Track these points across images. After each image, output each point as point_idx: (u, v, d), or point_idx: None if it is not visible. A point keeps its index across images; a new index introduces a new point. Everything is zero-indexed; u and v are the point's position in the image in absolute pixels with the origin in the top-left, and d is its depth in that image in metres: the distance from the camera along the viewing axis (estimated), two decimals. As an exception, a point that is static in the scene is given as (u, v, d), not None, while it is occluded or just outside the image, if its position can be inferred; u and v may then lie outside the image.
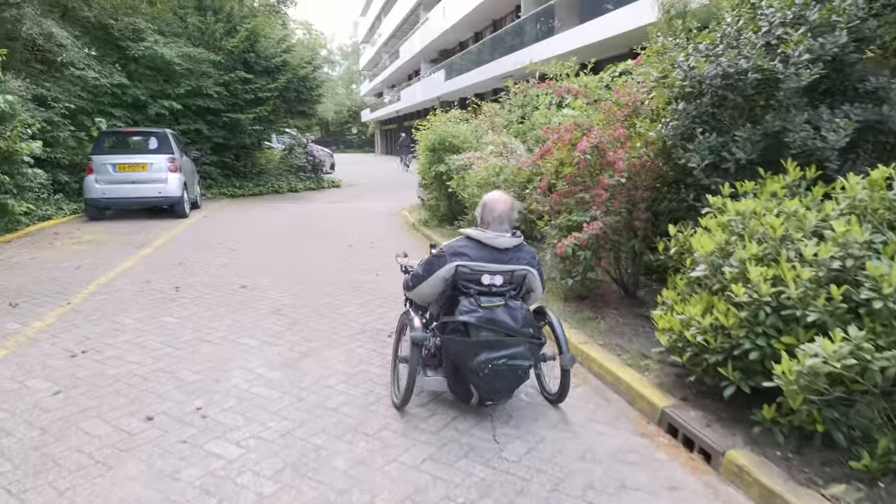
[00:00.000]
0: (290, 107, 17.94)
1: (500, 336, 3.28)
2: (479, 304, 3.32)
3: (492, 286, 3.39)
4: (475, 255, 3.39)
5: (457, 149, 10.19)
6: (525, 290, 3.56)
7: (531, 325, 3.40)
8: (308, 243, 9.19)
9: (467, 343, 3.27)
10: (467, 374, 3.34)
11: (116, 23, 13.58)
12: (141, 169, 11.26)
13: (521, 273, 3.45)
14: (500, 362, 3.23)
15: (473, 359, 3.22)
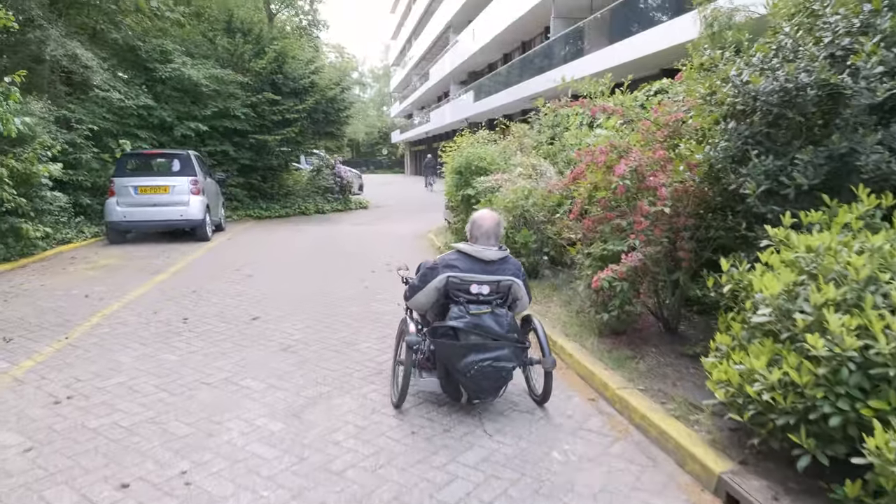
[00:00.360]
0: (317, 128, 17.81)
1: (486, 340, 3.63)
2: (467, 311, 3.66)
3: (479, 295, 3.72)
4: (464, 267, 3.74)
5: (484, 171, 9.77)
6: (511, 298, 3.87)
7: (515, 330, 3.77)
8: (329, 268, 8.83)
9: (456, 346, 3.62)
10: (456, 375, 3.67)
11: (144, 44, 13.60)
12: (163, 191, 11.10)
13: (506, 283, 3.79)
14: (485, 364, 3.58)
15: (461, 360, 3.58)
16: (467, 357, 3.58)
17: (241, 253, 10.30)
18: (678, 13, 13.64)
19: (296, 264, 9.20)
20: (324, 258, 9.87)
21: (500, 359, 3.63)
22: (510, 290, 3.82)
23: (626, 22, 16.28)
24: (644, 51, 14.73)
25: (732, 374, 3.07)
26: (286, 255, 10.19)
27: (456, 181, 9.97)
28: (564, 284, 7.29)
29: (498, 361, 3.61)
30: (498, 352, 3.64)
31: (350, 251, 10.59)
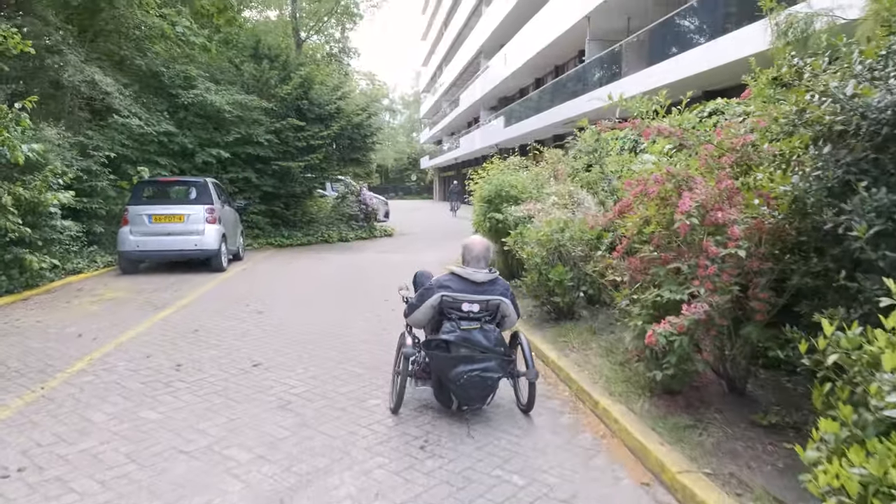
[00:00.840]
0: (343, 154, 17.39)
1: (474, 353, 3.98)
2: (458, 326, 4.06)
3: (470, 312, 4.10)
4: (457, 287, 4.14)
5: (515, 199, 9.08)
6: (500, 316, 4.23)
7: (502, 344, 4.14)
8: (346, 303, 8.18)
9: (447, 357, 3.98)
10: (448, 384, 4.02)
11: (168, 70, 13.35)
12: (177, 220, 10.64)
13: (495, 302, 4.16)
14: (473, 374, 3.92)
15: (452, 370, 3.93)
16: (457, 367, 3.96)
17: (255, 285, 9.73)
18: (718, 33, 12.90)
19: (310, 298, 8.57)
20: (342, 291, 9.23)
21: (488, 370, 4.00)
22: (498, 308, 4.22)
23: (665, 43, 15.58)
24: (685, 72, 14.00)
25: (849, 482, 2.27)
26: (302, 287, 9.58)
27: (484, 210, 9.29)
28: (604, 328, 6.50)
29: (485, 372, 3.99)
30: (485, 363, 4.00)
31: (370, 283, 9.95)
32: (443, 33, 53.68)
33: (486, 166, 10.58)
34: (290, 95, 15.91)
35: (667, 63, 14.85)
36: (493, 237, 9.53)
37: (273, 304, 8.12)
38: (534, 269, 6.71)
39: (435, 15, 58.02)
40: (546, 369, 5.47)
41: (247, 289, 9.32)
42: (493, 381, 4.06)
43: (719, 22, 13.03)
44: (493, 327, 4.16)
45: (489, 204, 9.26)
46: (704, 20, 13.62)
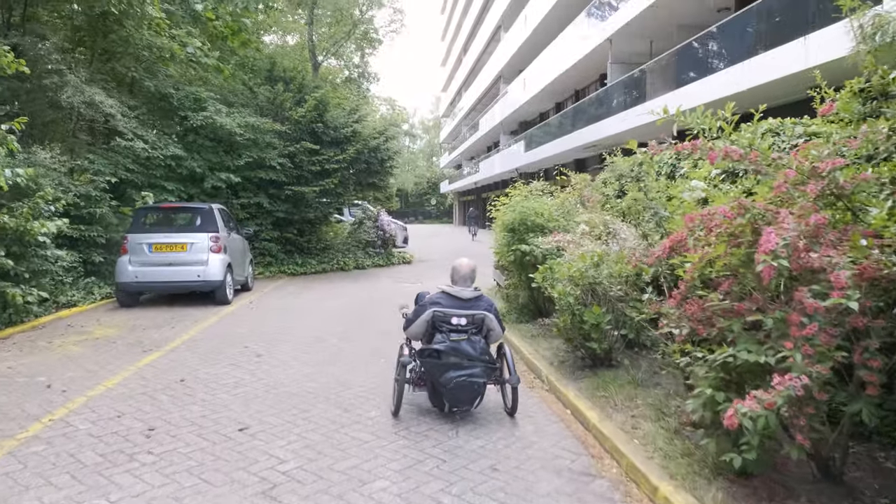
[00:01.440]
0: (359, 179, 16.74)
1: (462, 360, 4.58)
2: (448, 337, 4.68)
3: (458, 325, 4.71)
4: (447, 304, 4.79)
5: (541, 228, 8.27)
6: (486, 329, 4.82)
7: (487, 354, 4.73)
8: (356, 345, 7.38)
9: (438, 364, 4.59)
10: (439, 388, 4.65)
11: (177, 92, 12.85)
12: (179, 249, 9.98)
13: (479, 316, 4.79)
14: (461, 379, 4.54)
15: (443, 375, 4.55)
16: (447, 373, 4.51)
17: (260, 321, 8.98)
18: (750, 54, 12.09)
19: (317, 338, 7.79)
20: (351, 329, 8.44)
21: (474, 375, 4.54)
22: (483, 322, 4.77)
23: (696, 63, 14.79)
24: (719, 92, 13.16)
25: None
26: (310, 324, 8.81)
27: (508, 240, 8.48)
28: (649, 378, 5.63)
29: (472, 377, 4.53)
30: (472, 370, 4.54)
31: (383, 319, 9.16)
32: (462, 59, 53.55)
33: (509, 192, 9.80)
34: (304, 118, 15.34)
35: (700, 83, 14.03)
36: (517, 270, 8.72)
37: (275, 345, 7.35)
38: (566, 309, 5.87)
39: (454, 41, 58.03)
40: (587, 435, 4.59)
41: (249, 326, 8.57)
42: (479, 385, 4.64)
43: (760, 38, 12.21)
44: (479, 339, 4.75)
45: (512, 233, 8.45)
46: (739, 39, 12.81)
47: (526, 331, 8.12)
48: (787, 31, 10.96)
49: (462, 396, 4.62)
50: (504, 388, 4.95)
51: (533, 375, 6.33)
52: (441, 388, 4.60)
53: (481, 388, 4.67)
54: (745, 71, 12.24)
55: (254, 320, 9.03)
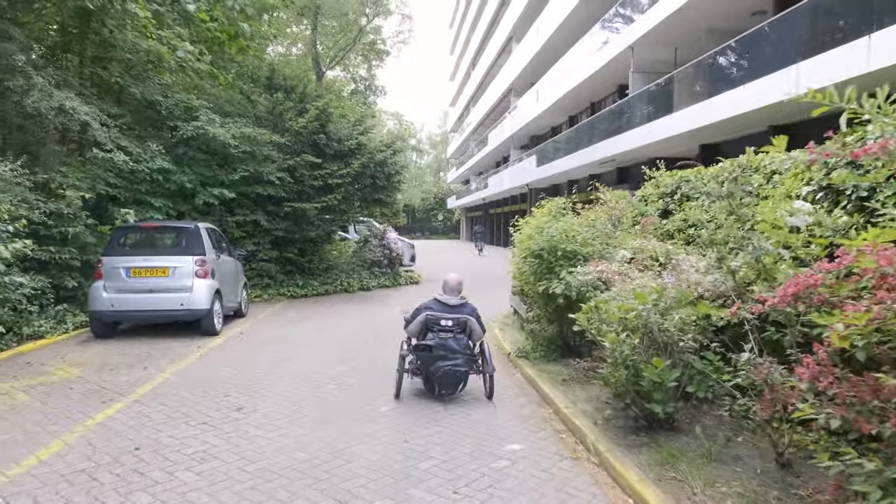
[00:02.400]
0: (364, 195, 15.63)
1: (448, 353, 5.85)
2: (438, 335, 5.96)
3: (446, 326, 6.00)
4: (437, 309, 6.10)
5: (574, 255, 7.10)
6: (469, 329, 6.09)
7: (469, 349, 6.01)
8: (361, 392, 6.21)
9: (430, 356, 5.86)
10: (430, 375, 5.93)
11: (166, 99, 11.79)
12: (160, 274, 8.86)
13: (463, 319, 6.07)
14: (447, 368, 5.80)
15: (433, 365, 5.84)
16: (437, 363, 5.84)
17: (248, 358, 7.81)
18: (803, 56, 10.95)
19: (314, 382, 6.62)
20: (356, 369, 7.26)
21: (457, 365, 5.86)
22: (467, 324, 6.09)
23: (728, 72, 13.66)
24: (760, 101, 12.03)
25: None
26: (306, 362, 7.64)
27: (534, 267, 7.30)
28: (726, 450, 4.41)
29: (455, 367, 5.85)
30: (456, 361, 5.86)
31: (394, 356, 7.99)
32: (470, 73, 52.73)
33: (535, 212, 8.66)
34: (305, 129, 14.27)
35: (737, 91, 12.88)
36: (543, 301, 7.55)
37: (262, 394, 6.17)
38: (619, 362, 4.68)
39: (462, 55, 57.29)
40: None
41: (235, 365, 7.40)
42: (462, 373, 5.89)
43: (799, 43, 11.07)
44: (462, 337, 6.00)
45: (539, 260, 7.27)
46: (787, 39, 11.65)
47: (555, 373, 6.91)
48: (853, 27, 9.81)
49: (448, 382, 5.90)
50: (484, 377, 6.19)
51: (574, 439, 5.11)
52: (432, 375, 5.90)
53: (463, 376, 5.95)
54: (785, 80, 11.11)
55: (242, 357, 7.86)
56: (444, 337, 5.95)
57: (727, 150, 17.68)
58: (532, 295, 8.05)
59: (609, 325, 4.86)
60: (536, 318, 8.11)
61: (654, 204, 7.73)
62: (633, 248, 6.63)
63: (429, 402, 5.94)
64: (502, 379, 7.06)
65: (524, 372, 7.18)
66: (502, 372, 7.39)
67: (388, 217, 18.73)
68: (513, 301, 11.03)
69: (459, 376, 5.90)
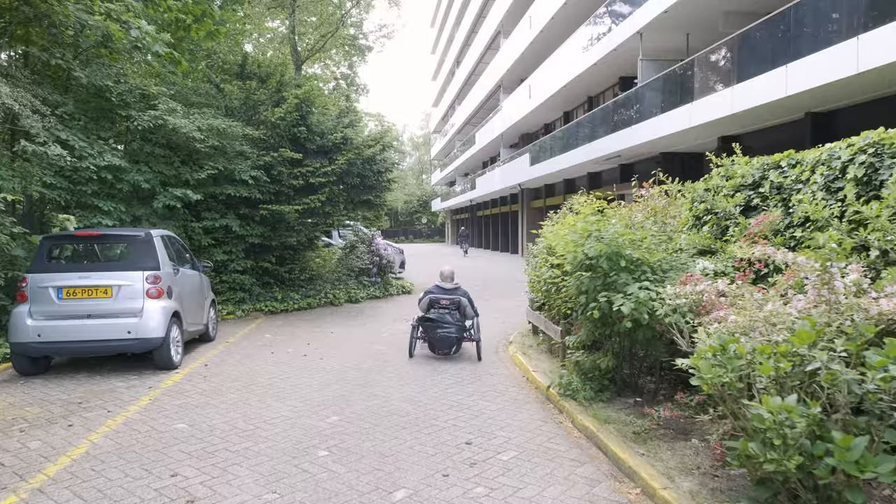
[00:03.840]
0: (351, 195, 13.83)
1: (444, 324, 8.00)
2: (438, 311, 8.14)
3: (443, 304, 8.16)
4: (437, 291, 8.29)
5: (638, 265, 5.43)
6: (462, 307, 8.24)
7: (460, 321, 8.17)
8: (363, 463, 4.46)
9: (432, 325, 8.03)
10: (431, 339, 8.14)
11: (117, 85, 9.90)
12: (101, 294, 7.02)
13: (456, 299, 8.22)
14: (443, 333, 7.97)
15: (433, 332, 8.02)
16: (436, 331, 8.01)
17: (211, 407, 6.01)
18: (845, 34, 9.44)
19: (298, 447, 4.87)
20: (354, 422, 5.51)
21: (450, 333, 8.01)
22: (460, 303, 8.23)
23: (764, 52, 12.12)
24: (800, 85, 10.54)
25: None
26: (290, 409, 5.87)
27: (587, 285, 5.59)
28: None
29: (448, 333, 8.00)
30: (449, 329, 8.01)
31: (395, 393, 6.24)
32: (454, 71, 51.07)
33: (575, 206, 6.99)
34: (283, 121, 12.44)
35: (773, 73, 11.34)
36: (598, 326, 5.87)
37: (223, 469, 4.40)
38: (791, 446, 2.97)
39: (446, 53, 55.66)
40: None
41: (193, 419, 5.60)
42: (454, 339, 8.11)
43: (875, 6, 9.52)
44: (455, 313, 8.22)
45: (590, 273, 5.58)
46: (844, 4, 10.09)
47: (620, 422, 5.23)
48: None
49: (443, 344, 8.15)
50: (477, 345, 8.24)
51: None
52: (432, 339, 8.19)
53: (454, 341, 8.14)
54: (836, 59, 9.58)
55: (202, 405, 6.05)
56: (442, 312, 8.18)
57: (749, 143, 16.26)
58: (583, 321, 6.35)
59: (760, 379, 3.16)
60: (581, 343, 6.41)
61: (727, 199, 6.08)
62: (730, 258, 4.97)
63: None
64: (547, 428, 5.35)
65: (577, 420, 5.47)
66: (543, 417, 5.66)
67: (370, 220, 16.98)
68: (532, 317, 9.35)
69: (452, 341, 8.11)
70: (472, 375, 7.39)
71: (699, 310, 4.52)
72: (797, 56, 10.78)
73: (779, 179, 5.67)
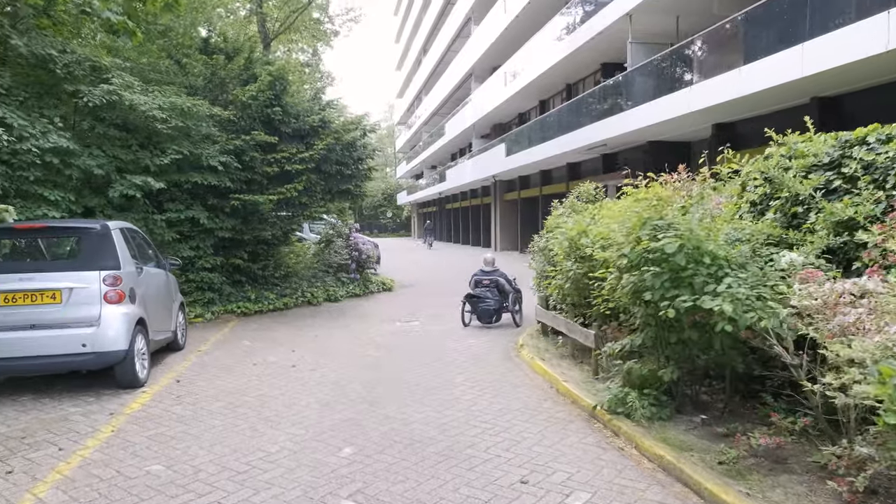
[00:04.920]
0: (329, 185, 12.65)
1: (485, 299, 9.94)
2: (480, 289, 10.08)
3: (483, 283, 10.09)
4: (480, 274, 10.22)
5: (714, 260, 4.52)
6: (500, 285, 10.05)
7: (498, 297, 10.03)
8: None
9: (475, 300, 9.98)
10: (476, 312, 10.01)
11: (62, 55, 8.52)
12: (48, 300, 5.77)
13: (494, 278, 10.05)
14: (484, 307, 9.88)
15: (477, 306, 9.95)
16: (479, 305, 9.88)
17: (191, 438, 4.87)
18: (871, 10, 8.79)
19: (315, 493, 3.81)
20: (373, 455, 4.46)
21: (490, 306, 9.83)
22: (497, 283, 10.00)
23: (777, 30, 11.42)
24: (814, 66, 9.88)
25: None
26: (288, 438, 4.78)
27: (653, 281, 4.64)
28: None
29: (489, 307, 9.83)
30: (489, 303, 9.86)
31: (418, 420, 5.22)
32: (421, 60, 49.80)
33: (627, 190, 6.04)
34: (255, 101, 11.16)
35: (788, 53, 10.65)
36: (660, 330, 4.94)
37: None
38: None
39: (411, 41, 54.24)
40: None
41: (169, 456, 4.45)
42: (493, 311, 9.87)
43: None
44: (494, 290, 10.01)
45: (655, 269, 4.63)
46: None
47: (699, 449, 4.32)
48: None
49: (484, 315, 9.93)
50: (513, 315, 10.01)
51: None
52: (476, 311, 10.00)
53: (493, 312, 9.89)
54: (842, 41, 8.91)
55: (180, 436, 4.89)
56: (483, 290, 10.06)
57: (745, 130, 15.69)
58: (627, 317, 5.42)
59: None
60: (631, 351, 5.47)
61: (800, 183, 5.22)
62: (816, 249, 4.10)
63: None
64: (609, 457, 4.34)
65: (643, 447, 4.52)
66: (597, 441, 4.67)
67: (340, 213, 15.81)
68: (546, 318, 8.41)
69: (491, 312, 9.87)
70: (492, 386, 6.40)
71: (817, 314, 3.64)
72: (817, 33, 10.09)
73: (869, 157, 4.83)
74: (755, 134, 15.05)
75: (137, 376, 6.18)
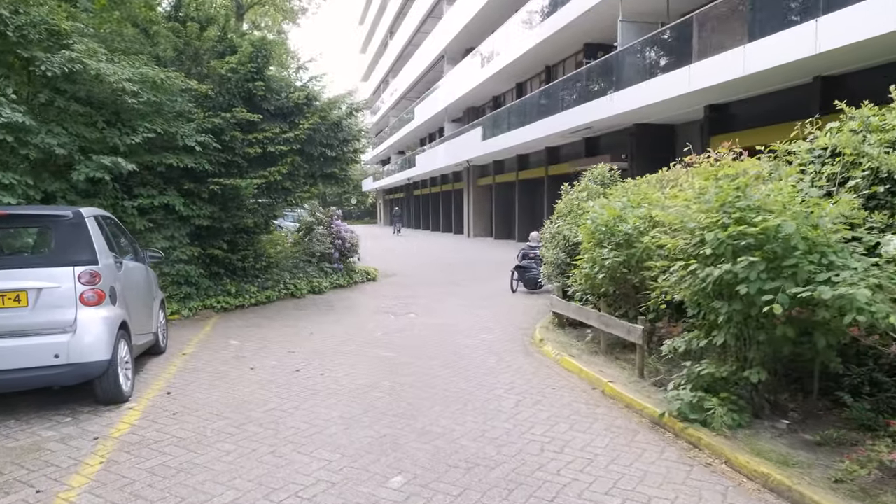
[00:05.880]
0: (313, 168, 11.70)
1: (531, 270, 11.99)
2: (527, 261, 12.19)
3: (530, 255, 12.15)
4: (527, 248, 12.39)
5: (814, 248, 3.90)
6: (539, 258, 11.06)
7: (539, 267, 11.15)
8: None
9: (523, 270, 12.19)
10: (523, 280, 12.27)
11: (15, 17, 7.37)
12: (11, 303, 4.80)
13: (536, 252, 11.67)
14: (530, 276, 12.05)
15: (524, 275, 12.21)
16: (526, 274, 12.10)
17: (202, 470, 4.02)
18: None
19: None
20: (425, 483, 3.70)
21: (535, 275, 11.72)
22: (538, 255, 11.18)
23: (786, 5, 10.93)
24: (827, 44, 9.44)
25: None
26: (320, 465, 3.99)
27: (747, 272, 3.98)
28: None
29: (534, 275, 11.77)
30: (534, 272, 11.74)
31: (465, 435, 4.48)
32: (388, 43, 48.52)
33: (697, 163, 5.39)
34: (235, 73, 10.11)
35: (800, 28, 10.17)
36: (750, 327, 4.30)
37: None
38: None
39: (377, 23, 52.81)
40: None
41: (182, 497, 3.63)
42: (538, 279, 11.26)
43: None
44: (539, 262, 10.86)
45: (747, 273, 3.97)
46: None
47: (803, 464, 3.72)
48: None
49: (531, 283, 11.98)
50: None
51: None
52: (523, 280, 12.08)
53: (539, 281, 11.32)
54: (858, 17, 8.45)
55: (187, 467, 4.02)
56: (530, 262, 12.01)
57: (739, 111, 15.30)
58: (702, 311, 4.77)
59: None
60: (711, 350, 4.83)
61: (889, 156, 4.65)
62: None
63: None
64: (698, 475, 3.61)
65: (737, 462, 3.89)
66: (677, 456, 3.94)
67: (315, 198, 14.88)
68: (570, 311, 7.73)
69: (538, 281, 11.60)
70: (529, 389, 5.70)
71: None
72: (835, 7, 9.61)
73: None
74: (750, 115, 14.72)
75: (121, 390, 5.26)
